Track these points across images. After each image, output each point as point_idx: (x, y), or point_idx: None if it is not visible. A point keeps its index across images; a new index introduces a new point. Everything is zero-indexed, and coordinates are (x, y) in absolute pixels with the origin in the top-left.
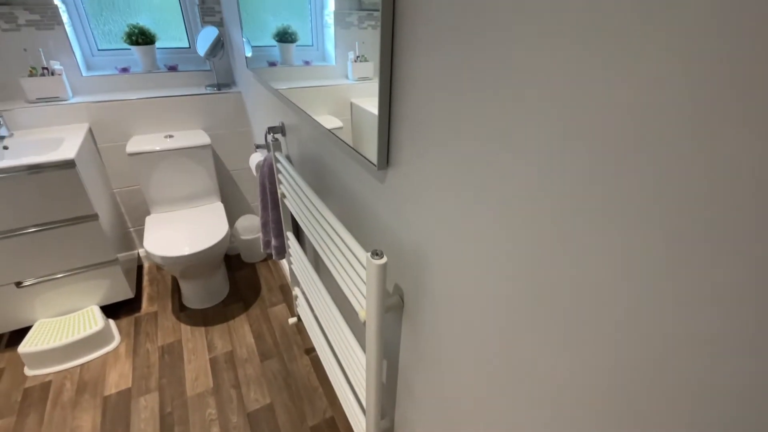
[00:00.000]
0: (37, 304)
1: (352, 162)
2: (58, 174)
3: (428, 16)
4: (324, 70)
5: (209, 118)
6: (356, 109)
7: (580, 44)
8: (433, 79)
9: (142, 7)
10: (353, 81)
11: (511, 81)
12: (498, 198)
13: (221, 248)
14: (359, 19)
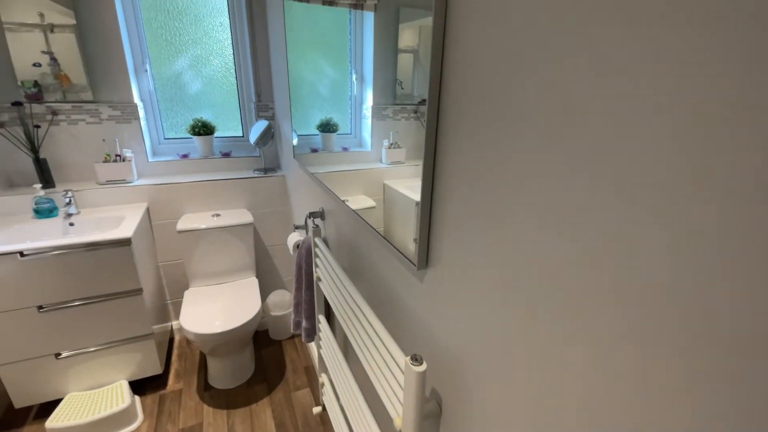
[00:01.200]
0: (71, 376)
1: (389, 256)
2: (114, 251)
3: (470, 114)
4: (360, 155)
5: (254, 199)
6: (388, 189)
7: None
8: (473, 184)
9: (205, 104)
10: (386, 165)
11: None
12: (549, 311)
13: (252, 326)
14: (394, 112)
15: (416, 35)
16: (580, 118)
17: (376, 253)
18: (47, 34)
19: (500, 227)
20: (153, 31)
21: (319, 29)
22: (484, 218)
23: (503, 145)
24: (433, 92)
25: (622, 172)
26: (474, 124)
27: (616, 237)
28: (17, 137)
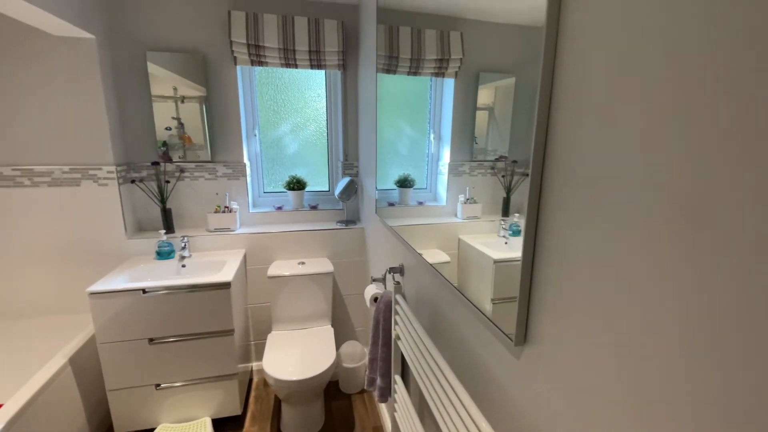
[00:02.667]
0: (164, 408)
1: (476, 322)
2: (215, 293)
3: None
4: (435, 210)
5: (334, 249)
6: (464, 244)
7: None
8: (582, 250)
9: (299, 162)
10: (462, 220)
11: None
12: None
13: (327, 376)
14: (470, 168)
15: (492, 95)
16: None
17: (461, 318)
18: (178, 104)
19: (624, 312)
20: (263, 102)
21: (401, 95)
22: (608, 290)
23: (618, 209)
24: (538, 147)
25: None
26: (588, 179)
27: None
28: (151, 190)
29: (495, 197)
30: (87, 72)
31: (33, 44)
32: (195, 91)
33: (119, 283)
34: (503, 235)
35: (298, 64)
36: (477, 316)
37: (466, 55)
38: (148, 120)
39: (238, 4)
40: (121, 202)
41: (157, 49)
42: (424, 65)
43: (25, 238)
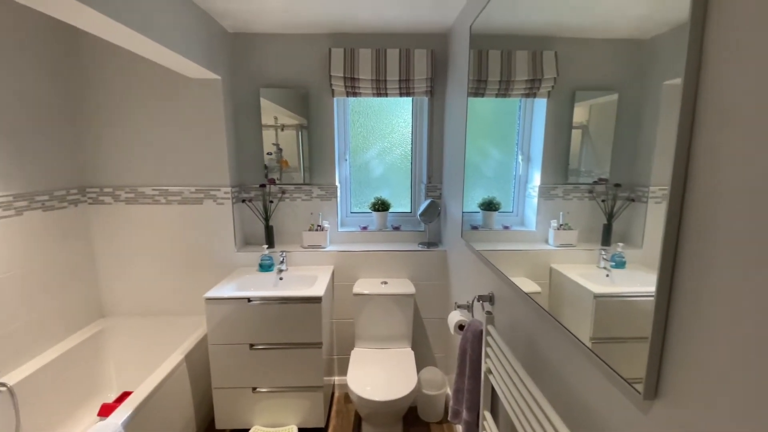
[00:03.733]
0: (257, 411)
1: (588, 365)
2: (307, 306)
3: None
4: (522, 235)
5: (416, 270)
6: (556, 274)
7: None
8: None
9: (384, 184)
10: (554, 247)
11: None
12: None
13: (409, 400)
14: (564, 191)
15: (586, 113)
16: None
17: (564, 357)
18: (278, 132)
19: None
20: (354, 129)
21: (487, 118)
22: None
23: None
24: (678, 167)
25: None
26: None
27: None
28: (257, 209)
29: (593, 224)
30: (213, 107)
31: (175, 86)
32: (293, 120)
33: (229, 291)
34: (603, 267)
35: (388, 93)
36: (588, 357)
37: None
38: (257, 147)
39: (337, 42)
40: (233, 218)
41: (268, 86)
42: (514, 87)
43: (158, 246)
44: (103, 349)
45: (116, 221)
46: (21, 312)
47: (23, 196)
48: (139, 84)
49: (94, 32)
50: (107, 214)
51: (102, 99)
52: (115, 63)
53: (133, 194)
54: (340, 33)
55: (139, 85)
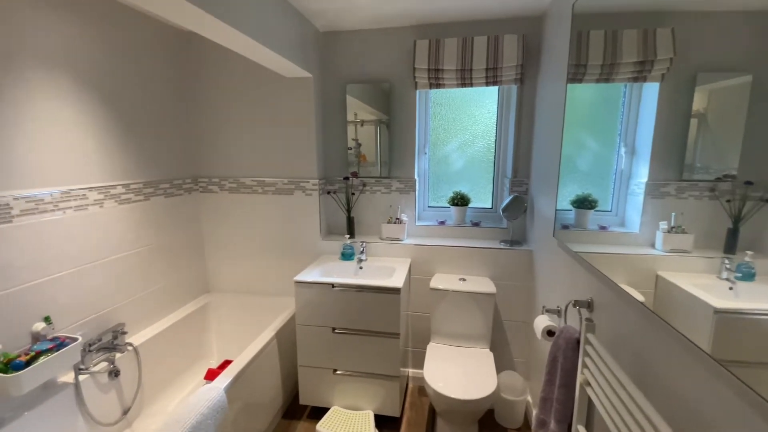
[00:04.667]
0: (337, 392)
1: (729, 396)
2: (387, 296)
3: None
4: (621, 237)
5: (497, 269)
6: (664, 283)
7: None
8: None
9: (464, 178)
10: (662, 252)
11: None
12: None
13: (488, 402)
14: (678, 189)
15: (705, 99)
16: None
17: (689, 381)
18: (357, 127)
19: None
20: (435, 121)
21: (584, 106)
22: None
23: None
24: None
25: None
26: None
27: None
28: (340, 200)
29: (714, 228)
30: (305, 104)
31: (272, 86)
32: (372, 116)
33: (315, 276)
34: (726, 278)
35: (474, 82)
36: (716, 374)
37: (679, 54)
38: (341, 142)
39: (422, 34)
40: (319, 209)
41: (354, 82)
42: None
43: (254, 231)
44: (207, 320)
45: (221, 208)
46: (146, 283)
47: (150, 184)
48: (241, 85)
49: (214, 38)
50: (214, 202)
51: (211, 99)
52: (220, 67)
53: (235, 184)
54: (426, 24)
55: (242, 86)
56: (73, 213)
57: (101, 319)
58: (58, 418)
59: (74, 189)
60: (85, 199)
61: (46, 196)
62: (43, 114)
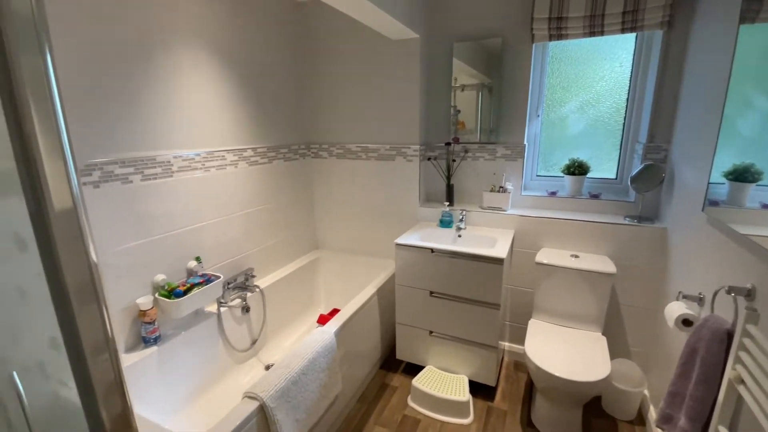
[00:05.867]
0: (432, 353)
1: None
2: (488, 266)
3: None
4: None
5: (618, 247)
6: None
7: None
8: None
9: (583, 144)
10: None
11: None
12: None
13: (596, 388)
14: None
15: None
16: None
17: None
18: (456, 93)
19: None
20: (552, 80)
21: (755, 54)
22: None
23: None
24: None
25: None
26: None
27: None
28: (440, 167)
29: None
30: (410, 68)
31: (378, 51)
32: (474, 80)
33: (414, 240)
34: None
35: (605, 30)
36: None
37: None
38: (443, 106)
39: None
40: (419, 175)
41: (462, 40)
42: None
43: (358, 195)
44: (316, 273)
45: (329, 173)
46: (268, 236)
47: (272, 149)
48: (349, 53)
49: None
50: (323, 167)
51: (322, 69)
52: (330, 37)
53: (342, 150)
54: None
55: (350, 54)
56: (215, 171)
57: (236, 262)
58: (205, 340)
59: (216, 151)
60: (224, 160)
61: (195, 156)
62: (190, 85)
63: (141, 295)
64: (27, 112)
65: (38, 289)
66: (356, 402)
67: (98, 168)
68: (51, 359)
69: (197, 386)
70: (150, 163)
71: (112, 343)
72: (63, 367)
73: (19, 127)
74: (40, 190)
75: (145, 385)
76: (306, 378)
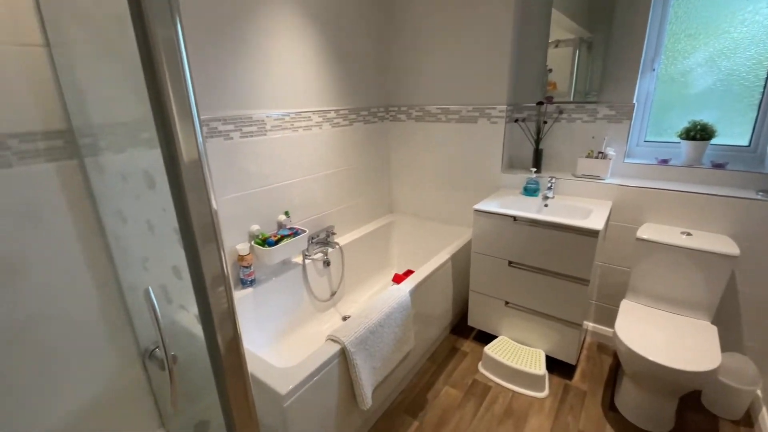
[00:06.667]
0: (507, 323)
1: None
2: (579, 238)
3: None
4: None
5: (745, 228)
6: None
7: None
8: None
9: (709, 105)
10: None
11: None
12: None
13: (700, 380)
14: None
15: None
16: None
17: None
18: (551, 49)
19: None
20: (674, 26)
21: None
22: None
23: None
24: None
25: None
26: None
27: None
28: (529, 129)
29: None
30: (501, 21)
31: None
32: (571, 34)
33: (495, 207)
34: None
35: None
36: None
37: None
38: (535, 63)
39: None
40: (503, 139)
41: None
42: None
43: (434, 160)
44: (390, 236)
45: (407, 136)
46: (347, 197)
47: (354, 111)
48: (437, 5)
49: None
50: (401, 129)
51: (402, 27)
52: None
53: (421, 113)
54: None
55: (437, 6)
56: (302, 132)
57: (319, 220)
58: (292, 287)
59: (303, 111)
60: (310, 121)
61: (285, 116)
62: (281, 48)
63: (239, 242)
64: (163, 78)
65: (162, 223)
66: (426, 360)
67: (204, 124)
68: (173, 285)
69: (283, 328)
70: (247, 122)
71: (227, 279)
72: (183, 293)
73: (157, 91)
74: (173, 144)
75: (242, 321)
76: (382, 330)
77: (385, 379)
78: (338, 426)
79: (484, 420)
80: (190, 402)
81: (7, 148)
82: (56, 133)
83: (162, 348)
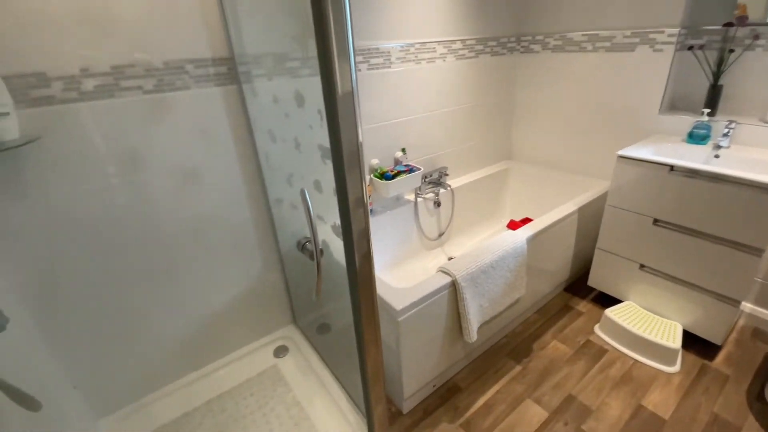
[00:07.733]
0: (637, 289)
1: None
2: (761, 198)
3: None
4: None
5: None
6: None
7: None
8: None
9: None
10: None
11: None
12: None
13: None
14: None
15: None
16: None
17: None
18: None
19: None
20: None
21: None
22: None
23: None
24: None
25: None
26: None
27: None
28: (706, 60)
29: None
30: None
31: None
32: None
33: (646, 153)
34: None
35: None
36: None
37: None
38: None
39: None
40: (669, 71)
41: None
42: None
43: (570, 99)
44: (505, 184)
45: (539, 71)
46: (464, 138)
47: (481, 41)
48: None
49: None
50: (532, 63)
51: None
52: None
53: (560, 41)
54: None
55: None
56: (425, 64)
57: (433, 159)
58: (402, 223)
59: (428, 42)
60: (434, 53)
61: (410, 46)
62: None
63: None
64: (327, 22)
65: (307, 140)
66: (534, 313)
67: None
68: (314, 197)
69: (392, 259)
70: (375, 53)
71: (366, 202)
72: (322, 205)
73: (322, 32)
74: (333, 78)
75: None
76: (494, 271)
77: (491, 319)
78: (443, 350)
79: (596, 380)
80: (317, 306)
81: (185, 72)
82: (222, 60)
83: (313, 242)
